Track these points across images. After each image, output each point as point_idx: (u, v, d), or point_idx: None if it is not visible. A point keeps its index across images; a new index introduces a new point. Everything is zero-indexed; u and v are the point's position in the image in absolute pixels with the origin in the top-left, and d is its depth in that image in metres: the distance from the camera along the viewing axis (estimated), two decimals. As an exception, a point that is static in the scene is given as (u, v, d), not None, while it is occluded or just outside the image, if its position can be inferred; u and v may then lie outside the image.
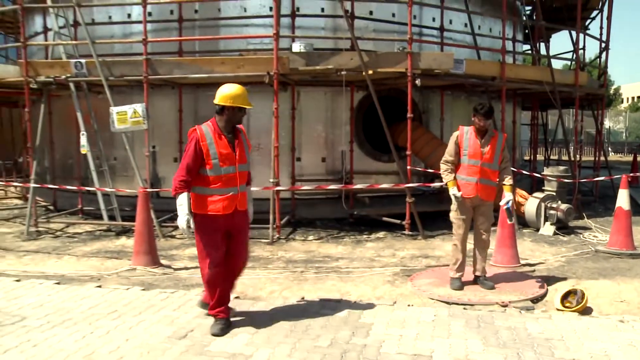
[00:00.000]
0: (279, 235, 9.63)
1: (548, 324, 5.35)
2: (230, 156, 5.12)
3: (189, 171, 5.03)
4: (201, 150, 5.03)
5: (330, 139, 11.37)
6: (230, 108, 5.12)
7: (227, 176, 5.11)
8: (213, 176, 5.07)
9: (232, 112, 5.14)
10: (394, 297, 6.31)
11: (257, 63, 9.73)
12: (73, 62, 10.35)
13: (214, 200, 5.09)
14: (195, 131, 5.11)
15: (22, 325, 5.35)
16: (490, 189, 6.48)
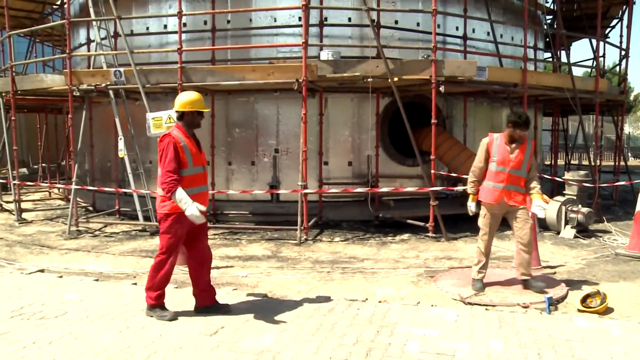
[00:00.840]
0: (307, 236, 9.61)
1: (569, 325, 5.24)
2: (198, 157, 5.47)
3: (175, 170, 5.22)
4: (178, 151, 5.27)
5: (356, 144, 11.32)
6: (189, 113, 5.47)
7: (198, 175, 5.44)
8: (188, 176, 5.33)
9: (192, 117, 5.47)
10: (418, 298, 6.24)
11: (287, 70, 9.74)
12: (113, 71, 10.49)
13: (193, 198, 5.23)
14: (169, 135, 5.34)
15: (65, 319, 5.43)
16: (519, 195, 6.34)
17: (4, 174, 15.35)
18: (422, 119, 10.79)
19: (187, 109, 5.44)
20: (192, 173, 5.35)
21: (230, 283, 6.89)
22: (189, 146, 5.36)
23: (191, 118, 5.48)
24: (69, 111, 11.41)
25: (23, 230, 10.92)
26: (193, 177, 5.36)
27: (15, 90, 11.94)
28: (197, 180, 5.41)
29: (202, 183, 5.49)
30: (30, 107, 16.26)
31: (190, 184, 5.31)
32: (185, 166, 5.29)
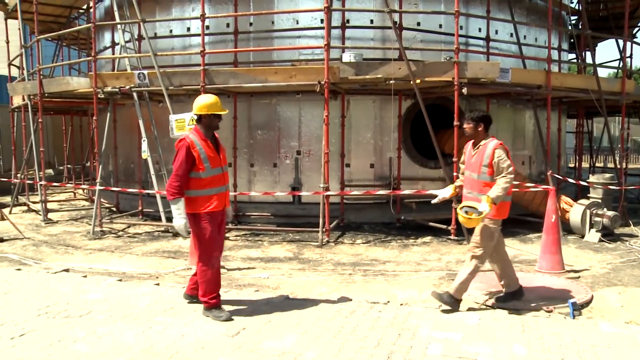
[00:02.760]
0: (328, 238, 9.60)
1: (594, 330, 5.16)
2: (216, 159, 5.55)
3: (182, 177, 5.39)
4: (192, 156, 5.39)
5: (378, 146, 11.28)
6: (207, 116, 5.56)
7: (216, 177, 5.53)
8: (206, 178, 5.44)
9: (209, 119, 5.58)
10: (440, 301, 6.19)
11: (309, 73, 9.75)
12: (136, 73, 10.59)
13: (212, 199, 5.45)
14: (184, 140, 5.46)
15: (89, 319, 5.50)
16: (475, 201, 5.77)
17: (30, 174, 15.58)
18: (445, 121, 10.72)
19: (204, 112, 5.55)
20: (209, 175, 5.45)
21: (252, 284, 6.92)
22: (205, 149, 5.46)
23: (209, 121, 5.58)
24: (93, 113, 11.53)
25: (49, 230, 11.08)
26: (211, 178, 5.47)
27: (42, 92, 12.10)
28: (216, 181, 5.50)
29: (221, 184, 5.57)
30: (56, 109, 16.49)
31: (208, 184, 5.44)
32: (202, 169, 5.41)
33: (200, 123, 5.59)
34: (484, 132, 5.92)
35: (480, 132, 5.91)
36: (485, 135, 5.93)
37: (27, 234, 10.48)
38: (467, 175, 6.00)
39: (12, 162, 15.74)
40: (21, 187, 14.30)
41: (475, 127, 5.90)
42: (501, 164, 5.68)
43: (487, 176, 5.76)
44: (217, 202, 5.49)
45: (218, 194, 5.51)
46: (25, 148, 14.06)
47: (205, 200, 5.44)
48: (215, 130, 5.72)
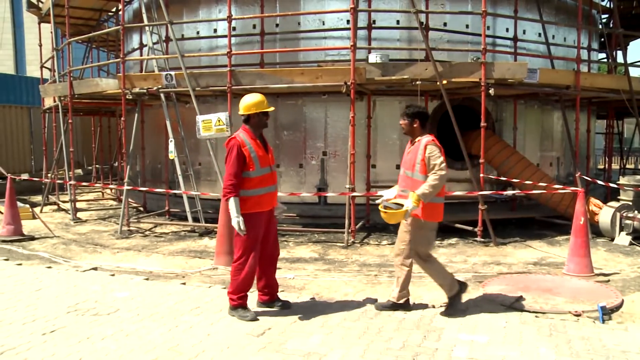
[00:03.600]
0: (354, 239, 9.58)
1: (624, 335, 5.06)
2: (265, 158, 5.53)
3: (236, 176, 5.35)
4: (243, 155, 5.37)
5: (404, 147, 11.17)
6: (255, 115, 5.54)
7: (266, 176, 5.51)
8: (256, 177, 5.43)
9: (258, 118, 5.57)
10: (466, 303, 6.12)
11: (335, 73, 9.74)
12: (164, 75, 10.69)
13: (260, 199, 5.45)
14: (235, 139, 5.45)
15: (117, 316, 5.58)
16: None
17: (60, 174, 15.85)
18: (471, 122, 10.64)
19: (253, 111, 5.54)
20: (259, 174, 5.44)
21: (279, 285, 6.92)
22: (255, 148, 5.45)
23: (257, 120, 5.58)
24: (121, 114, 11.69)
25: (78, 229, 11.26)
26: (261, 178, 5.45)
27: (72, 94, 12.32)
28: (265, 181, 5.49)
29: (270, 183, 5.57)
30: (85, 110, 16.73)
31: (258, 184, 5.43)
32: (252, 168, 5.39)
33: (248, 123, 5.57)
34: (420, 128, 5.70)
35: (416, 128, 5.69)
36: (422, 132, 5.72)
37: (57, 233, 10.66)
38: (402, 173, 5.80)
39: (43, 162, 16.05)
40: (51, 186, 14.53)
41: (410, 123, 5.70)
42: (432, 161, 5.46)
43: (420, 174, 5.53)
44: (266, 202, 5.50)
45: (267, 194, 5.51)
46: (55, 148, 14.31)
47: (254, 200, 5.41)
48: (264, 129, 5.71)
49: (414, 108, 5.75)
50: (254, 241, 5.48)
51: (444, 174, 5.41)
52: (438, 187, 5.41)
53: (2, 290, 6.56)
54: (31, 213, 12.08)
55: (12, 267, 7.80)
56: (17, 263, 8.10)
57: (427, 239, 5.70)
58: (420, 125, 5.69)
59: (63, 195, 14.79)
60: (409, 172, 5.64)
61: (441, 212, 5.72)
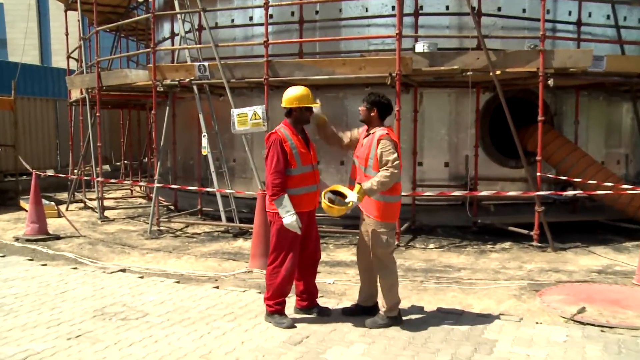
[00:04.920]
0: (398, 242, 9.53)
1: (701, 352, 4.91)
2: (307, 155, 5.52)
3: (281, 172, 5.34)
4: (285, 151, 5.35)
5: (453, 143, 11.13)
6: (297, 109, 5.51)
7: (307, 174, 5.49)
8: (297, 175, 5.42)
9: (300, 113, 5.55)
10: (521, 313, 6.06)
11: (379, 64, 9.70)
12: (197, 65, 10.81)
13: (301, 199, 5.43)
14: (275, 133, 5.44)
15: (145, 321, 5.67)
16: (366, 199, 5.44)
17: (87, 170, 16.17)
18: (527, 116, 10.46)
19: (295, 105, 5.53)
20: (300, 172, 5.44)
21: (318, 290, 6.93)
22: (297, 144, 5.45)
23: (299, 114, 5.56)
24: (152, 107, 11.87)
25: (105, 228, 11.50)
26: (302, 176, 5.46)
27: (100, 85, 12.50)
28: (306, 179, 5.49)
29: (312, 182, 5.55)
30: (113, 103, 17.00)
31: (299, 183, 5.43)
32: (293, 165, 5.39)
33: (290, 117, 5.57)
34: (378, 118, 5.61)
35: (374, 117, 5.61)
36: (379, 123, 5.63)
37: (84, 232, 10.91)
38: (357, 166, 5.69)
39: (69, 158, 16.39)
40: (78, 183, 14.87)
41: (368, 110, 5.63)
42: (385, 157, 5.34)
43: (372, 170, 5.43)
44: (306, 202, 5.49)
45: (308, 194, 5.51)
46: (82, 143, 14.61)
47: (295, 200, 5.39)
48: (306, 124, 5.70)
49: (375, 96, 5.67)
50: (293, 243, 5.49)
51: (396, 172, 5.32)
52: (387, 184, 5.33)
53: (26, 292, 6.74)
54: (56, 211, 12.40)
55: (36, 268, 8.00)
56: (42, 263, 8.31)
57: (384, 240, 5.57)
58: (378, 115, 5.62)
59: (90, 192, 15.11)
60: (362, 166, 5.57)
61: (397, 212, 5.69)
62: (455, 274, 7.86)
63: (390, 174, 5.29)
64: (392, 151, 5.36)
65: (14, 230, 11.20)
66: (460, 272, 7.92)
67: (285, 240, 5.46)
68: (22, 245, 9.72)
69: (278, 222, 5.44)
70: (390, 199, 5.53)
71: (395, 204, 5.62)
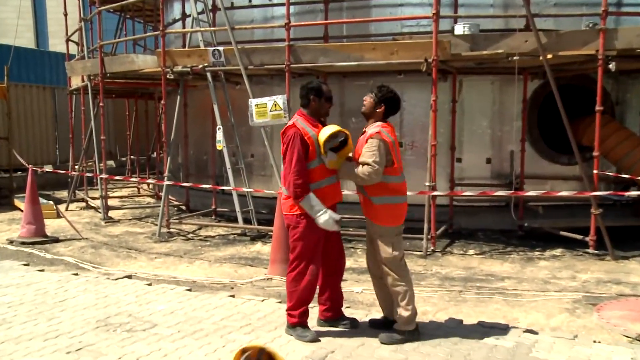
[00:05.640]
0: (434, 247, 9.53)
1: None
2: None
3: (303, 171, 5.36)
4: (306, 144, 5.38)
5: (497, 137, 11.06)
6: (316, 99, 5.60)
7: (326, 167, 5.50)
8: (317, 167, 5.45)
9: (319, 104, 5.62)
10: (575, 330, 5.99)
11: (413, 48, 9.66)
12: (211, 50, 10.85)
13: (323, 193, 5.45)
14: (294, 127, 5.45)
15: (153, 333, 5.71)
16: (362, 200, 5.64)
17: (90, 166, 16.32)
18: (583, 106, 10.34)
19: (313, 95, 5.60)
20: (321, 163, 5.47)
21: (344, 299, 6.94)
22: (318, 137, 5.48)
23: (318, 105, 5.62)
24: (161, 96, 11.95)
25: (109, 230, 11.63)
26: (323, 167, 5.48)
27: (104, 72, 12.60)
28: (327, 170, 5.52)
29: (332, 173, 5.58)
30: (119, 91, 17.14)
31: (320, 175, 5.47)
32: (313, 157, 5.43)
33: (307, 108, 5.63)
34: (381, 115, 5.59)
35: (378, 113, 5.58)
36: (380, 120, 5.60)
37: (85, 234, 11.04)
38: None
39: (69, 152, 16.51)
40: (79, 180, 15.01)
41: (374, 105, 5.59)
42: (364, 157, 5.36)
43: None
44: (329, 195, 5.52)
45: (330, 186, 5.54)
46: (84, 136, 14.74)
47: (317, 194, 5.42)
48: (326, 117, 5.75)
49: (387, 91, 5.63)
50: (316, 247, 5.51)
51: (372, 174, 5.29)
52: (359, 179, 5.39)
53: (21, 301, 6.81)
54: (55, 211, 12.55)
55: (32, 274, 8.09)
56: (39, 269, 8.40)
57: (389, 246, 5.53)
58: (384, 113, 5.61)
59: (92, 190, 15.29)
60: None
61: (400, 215, 5.62)
62: (499, 283, 7.81)
63: (368, 173, 5.30)
64: (374, 152, 5.32)
65: (8, 232, 11.36)
66: (504, 282, 7.88)
67: (308, 245, 5.47)
68: (16, 249, 9.85)
69: (301, 226, 5.44)
70: (390, 200, 5.49)
71: (396, 206, 5.57)
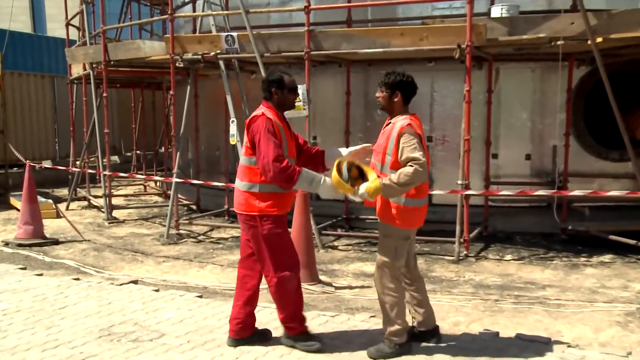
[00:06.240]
0: (467, 251, 9.49)
1: None
2: (292, 147, 5.53)
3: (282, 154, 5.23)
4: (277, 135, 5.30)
5: (537, 130, 10.99)
6: (279, 91, 5.56)
7: None
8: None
9: (282, 96, 5.58)
10: (628, 346, 5.91)
11: (445, 33, 9.60)
12: (223, 36, 10.84)
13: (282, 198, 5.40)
14: (263, 116, 5.38)
15: (161, 343, 5.74)
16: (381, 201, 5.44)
17: (92, 162, 16.41)
18: (637, 96, 10.23)
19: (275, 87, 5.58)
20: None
21: (367, 308, 6.94)
22: (285, 132, 5.46)
23: (281, 97, 5.58)
24: (169, 86, 11.97)
25: (114, 231, 11.71)
26: None
27: (107, 60, 12.65)
28: None
29: None
30: (123, 81, 17.19)
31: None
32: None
33: (270, 100, 5.58)
34: (402, 104, 5.50)
35: (397, 103, 5.48)
36: (403, 109, 5.52)
37: (87, 236, 11.13)
38: (373, 162, 5.59)
39: (70, 147, 16.56)
40: (80, 177, 15.12)
41: (389, 96, 5.50)
42: (407, 153, 5.18)
43: (389, 169, 5.32)
44: (288, 202, 5.52)
45: (291, 193, 5.54)
46: (86, 129, 14.82)
47: (277, 201, 5.35)
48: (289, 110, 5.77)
49: (395, 76, 5.53)
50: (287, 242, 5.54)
51: (421, 171, 5.11)
52: (408, 185, 5.16)
53: (17, 307, 6.86)
54: (55, 210, 12.65)
55: (30, 279, 8.15)
56: (37, 273, 8.46)
57: (394, 249, 5.45)
58: (402, 99, 5.51)
59: (95, 188, 15.39)
60: (378, 163, 5.47)
61: (418, 219, 5.56)
62: (539, 292, 7.76)
63: (414, 171, 5.09)
64: (414, 147, 5.20)
65: (3, 233, 11.51)
66: (545, 291, 7.83)
67: (281, 242, 5.44)
68: (13, 251, 9.96)
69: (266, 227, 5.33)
70: (411, 203, 5.39)
71: (416, 209, 5.48)
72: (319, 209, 10.65)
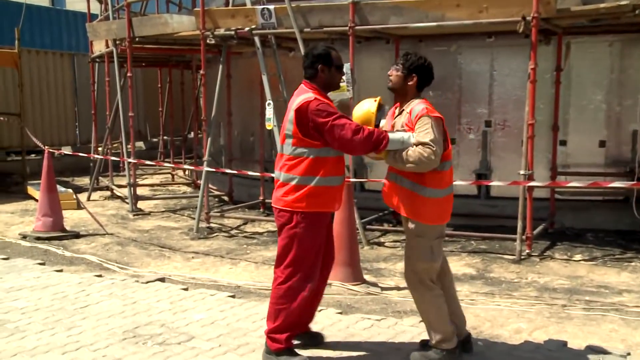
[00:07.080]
0: (530, 250, 9.43)
1: None
2: None
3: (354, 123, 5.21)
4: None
5: (614, 113, 10.84)
6: (326, 69, 5.45)
7: (341, 158, 5.44)
8: (333, 158, 5.29)
9: (329, 74, 5.49)
10: None
11: (507, 4, 9.50)
12: (259, 10, 10.84)
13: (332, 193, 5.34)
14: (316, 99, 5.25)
15: (190, 347, 5.81)
16: (398, 192, 5.35)
17: (115, 148, 16.60)
18: None
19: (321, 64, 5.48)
20: (337, 155, 5.33)
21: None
22: None
23: (329, 76, 5.50)
24: (199, 65, 12.04)
25: (139, 224, 11.88)
26: (338, 159, 5.37)
27: (132, 36, 12.75)
28: (340, 166, 5.42)
29: (341, 172, 5.46)
30: (149, 59, 17.31)
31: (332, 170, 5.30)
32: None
33: (315, 79, 5.51)
34: (415, 89, 5.40)
35: (410, 87, 5.40)
36: (415, 95, 5.41)
37: (110, 229, 11.31)
38: None
39: (91, 132, 16.85)
40: (103, 165, 15.31)
41: (404, 78, 5.37)
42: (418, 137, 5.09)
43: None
44: (337, 196, 5.44)
45: (340, 187, 5.44)
46: (108, 112, 14.92)
47: (323, 194, 5.26)
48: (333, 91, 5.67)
49: (415, 58, 5.40)
50: (319, 251, 5.40)
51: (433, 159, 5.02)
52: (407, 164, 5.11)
53: (36, 306, 6.99)
54: (75, 201, 12.81)
55: (49, 275, 8.30)
56: (57, 269, 8.62)
57: (428, 251, 5.34)
58: (417, 84, 5.41)
59: (119, 177, 15.57)
60: None
61: (445, 212, 5.41)
62: (615, 298, 7.67)
63: (426, 158, 5.04)
64: (428, 131, 5.11)
65: (21, 225, 11.73)
66: (622, 296, 7.74)
67: (310, 248, 5.31)
68: (31, 245, 10.15)
69: (301, 226, 5.23)
70: (442, 193, 5.32)
71: (447, 199, 5.40)
72: (364, 201, 10.67)
